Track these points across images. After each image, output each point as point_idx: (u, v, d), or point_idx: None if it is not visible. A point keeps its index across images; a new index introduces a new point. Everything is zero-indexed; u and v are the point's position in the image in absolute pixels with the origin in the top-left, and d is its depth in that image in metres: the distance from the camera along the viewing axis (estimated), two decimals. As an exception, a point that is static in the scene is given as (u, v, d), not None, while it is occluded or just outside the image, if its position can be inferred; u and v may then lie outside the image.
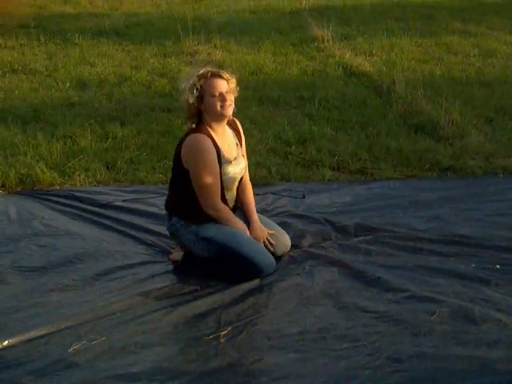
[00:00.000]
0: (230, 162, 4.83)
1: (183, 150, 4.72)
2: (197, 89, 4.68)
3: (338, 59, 11.64)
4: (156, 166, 6.96)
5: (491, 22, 14.79)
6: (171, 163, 6.81)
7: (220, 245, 4.76)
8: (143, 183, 6.65)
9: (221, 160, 4.75)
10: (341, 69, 11.09)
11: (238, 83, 4.90)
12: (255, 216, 5.06)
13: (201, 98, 4.70)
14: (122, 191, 6.42)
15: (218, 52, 12.27)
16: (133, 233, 5.52)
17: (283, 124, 8.16)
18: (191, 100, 4.70)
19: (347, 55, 11.87)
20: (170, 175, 6.51)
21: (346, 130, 8.04)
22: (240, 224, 4.89)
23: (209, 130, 4.75)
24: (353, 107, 8.94)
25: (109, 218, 5.81)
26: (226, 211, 4.85)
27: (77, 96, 9.63)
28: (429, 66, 11.28)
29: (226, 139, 4.89)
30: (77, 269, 4.92)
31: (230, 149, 4.88)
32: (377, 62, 11.58)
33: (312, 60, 11.80)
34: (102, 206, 6.04)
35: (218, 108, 4.70)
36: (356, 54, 12.12)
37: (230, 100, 4.74)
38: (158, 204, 6.00)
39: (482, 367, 3.65)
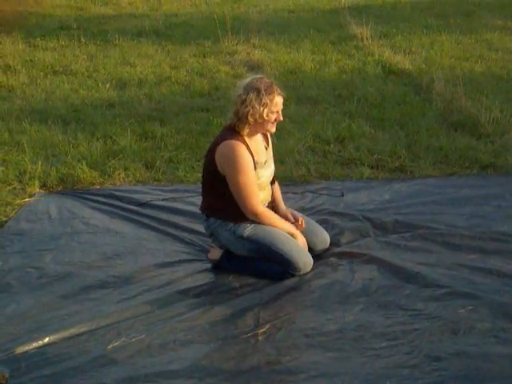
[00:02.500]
0: (262, 166, 4.87)
1: (219, 158, 4.72)
2: (264, 104, 4.68)
3: (377, 57, 11.59)
4: (195, 166, 6.98)
5: (532, 19, 14.63)
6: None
7: (257, 243, 4.79)
8: (182, 182, 6.68)
9: (255, 165, 4.78)
10: (380, 67, 11.04)
11: (277, 82, 4.92)
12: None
13: (261, 112, 4.72)
14: (161, 190, 6.46)
15: (256, 51, 12.29)
16: (172, 231, 5.56)
17: (322, 122, 8.14)
18: (259, 113, 4.67)
19: (386, 53, 11.81)
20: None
21: (385, 128, 8.00)
22: (287, 225, 4.91)
23: (243, 136, 4.78)
24: (392, 105, 8.89)
25: (148, 216, 5.85)
26: (268, 215, 4.85)
27: (117, 96, 9.72)
28: (469, 63, 11.18)
29: (257, 143, 4.92)
30: (116, 265, 4.97)
31: (260, 153, 4.91)
32: (416, 59, 11.51)
33: (351, 58, 11.76)
34: (142, 204, 6.08)
35: (272, 123, 4.79)
36: (395, 52, 12.06)
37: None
38: (196, 203, 5.99)
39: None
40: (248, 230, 4.81)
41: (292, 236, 4.86)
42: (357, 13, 15.34)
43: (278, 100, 4.77)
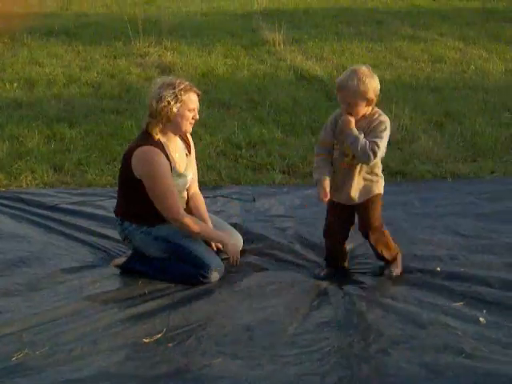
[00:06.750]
0: (179, 174, 4.84)
1: (135, 163, 4.66)
2: (179, 100, 4.65)
3: (289, 63, 11.65)
4: (105, 169, 6.89)
5: (440, 28, 14.93)
6: (120, 166, 6.78)
7: (172, 243, 4.77)
8: (91, 185, 6.58)
9: (171, 171, 4.73)
10: (292, 72, 11.10)
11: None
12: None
13: (177, 109, 4.68)
14: (69, 193, 6.34)
15: (168, 54, 12.22)
16: (80, 236, 5.46)
17: (233, 127, 8.13)
18: (174, 110, 4.64)
19: (298, 59, 11.89)
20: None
21: (297, 134, 8.04)
22: (215, 233, 4.89)
23: (161, 140, 4.73)
24: (303, 111, 8.94)
25: (55, 220, 5.73)
26: (191, 223, 4.77)
27: (24, 96, 9.52)
28: (379, 70, 11.27)
29: (177, 149, 4.89)
30: (22, 272, 4.84)
31: (180, 159, 4.88)
32: (328, 66, 11.61)
33: (263, 63, 11.79)
34: (49, 208, 5.95)
35: (189, 123, 4.76)
36: (307, 58, 12.15)
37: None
38: (105, 206, 5.93)
39: (429, 372, 3.66)
40: (163, 230, 4.79)
41: (222, 244, 4.87)
42: (269, 18, 15.41)
43: (194, 97, 4.74)
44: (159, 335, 4.04)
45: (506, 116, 8.73)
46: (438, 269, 4.82)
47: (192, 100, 4.73)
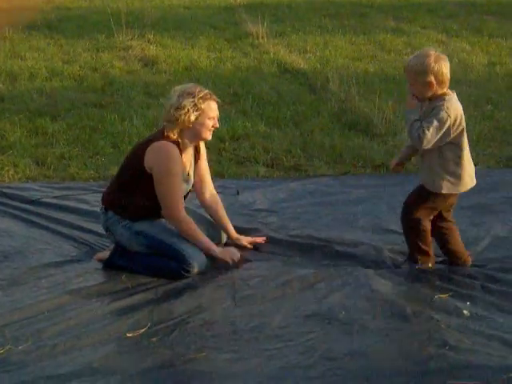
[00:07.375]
0: (186, 179, 4.88)
1: (150, 155, 4.68)
2: (198, 109, 4.68)
3: (272, 56, 11.63)
4: (87, 162, 6.86)
5: (423, 21, 14.94)
6: (103, 159, 6.77)
7: (153, 238, 4.77)
8: (74, 179, 6.55)
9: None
10: (275, 65, 11.09)
11: (172, 78, 4.88)
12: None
13: (196, 117, 4.71)
14: (52, 187, 6.30)
15: (151, 47, 12.17)
16: (63, 230, 5.42)
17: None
18: (192, 118, 4.67)
19: (281, 52, 11.87)
20: (103, 171, 6.46)
21: (280, 127, 8.04)
22: (207, 241, 4.84)
23: (180, 144, 4.75)
24: (287, 104, 8.93)
25: (38, 214, 5.70)
26: (189, 223, 4.79)
27: (6, 90, 9.46)
28: (362, 63, 11.34)
29: (188, 156, 4.91)
30: (4, 267, 4.81)
31: (188, 166, 4.91)
32: (311, 59, 11.60)
33: (246, 56, 11.77)
34: (31, 202, 5.91)
35: (209, 130, 4.79)
36: (290, 51, 12.13)
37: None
38: (88, 201, 5.90)
39: (413, 364, 3.66)
40: (144, 225, 4.79)
41: (209, 253, 4.82)
42: (252, 10, 15.37)
43: (213, 105, 4.80)
44: (143, 330, 4.02)
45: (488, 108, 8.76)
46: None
47: (212, 108, 4.78)
